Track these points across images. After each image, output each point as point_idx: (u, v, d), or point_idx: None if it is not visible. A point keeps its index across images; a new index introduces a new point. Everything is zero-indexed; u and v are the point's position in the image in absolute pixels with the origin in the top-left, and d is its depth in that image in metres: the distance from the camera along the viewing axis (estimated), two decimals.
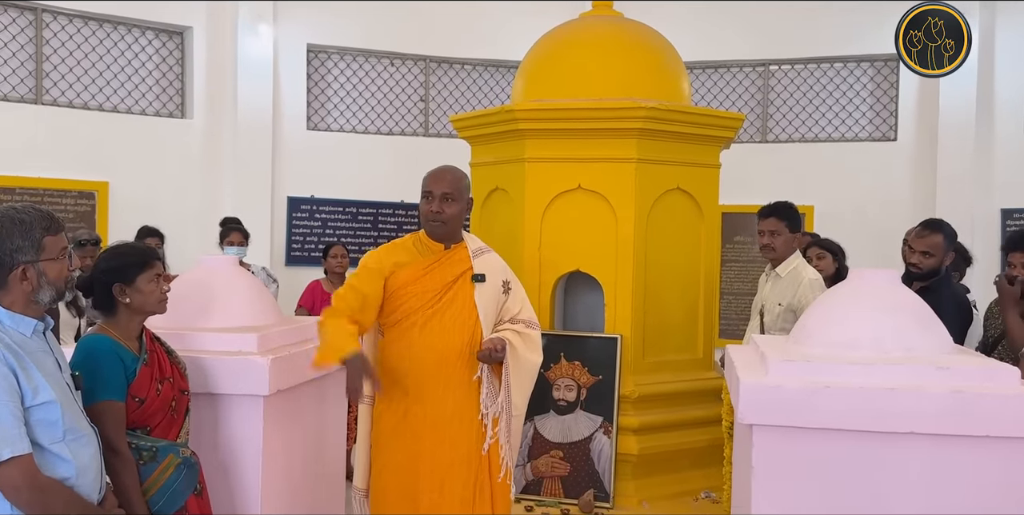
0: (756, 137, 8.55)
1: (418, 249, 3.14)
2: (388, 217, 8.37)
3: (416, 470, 3.04)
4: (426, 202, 3.09)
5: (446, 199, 3.08)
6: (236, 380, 2.84)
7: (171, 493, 2.48)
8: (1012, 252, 3.67)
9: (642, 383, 4.66)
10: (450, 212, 3.08)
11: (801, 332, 2.80)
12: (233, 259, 3.49)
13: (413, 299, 3.04)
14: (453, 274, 3.09)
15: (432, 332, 3.03)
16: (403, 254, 3.12)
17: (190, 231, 7.15)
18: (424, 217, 3.12)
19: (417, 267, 3.08)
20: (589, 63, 4.94)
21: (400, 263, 3.08)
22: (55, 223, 2.18)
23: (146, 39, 7.72)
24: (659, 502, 4.55)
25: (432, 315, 3.04)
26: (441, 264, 3.10)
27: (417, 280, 3.06)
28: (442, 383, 3.04)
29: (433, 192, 3.09)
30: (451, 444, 3.04)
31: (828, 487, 2.40)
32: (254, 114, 7.78)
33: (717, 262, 5.17)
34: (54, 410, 2.07)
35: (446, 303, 3.06)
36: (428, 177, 3.15)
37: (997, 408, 2.32)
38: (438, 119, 8.76)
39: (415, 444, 3.04)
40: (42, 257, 2.14)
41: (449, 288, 3.07)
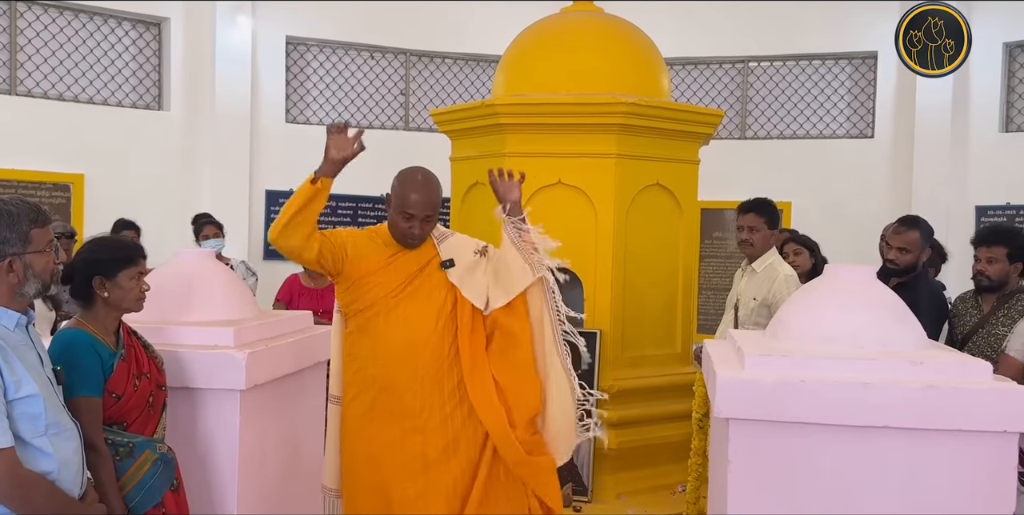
0: (735, 133, 8.59)
1: (384, 242, 3.08)
2: (368, 211, 8.34)
3: (383, 462, 2.96)
4: (404, 220, 2.99)
5: (427, 220, 3.02)
6: (212, 375, 2.82)
7: (148, 489, 2.47)
8: (979, 247, 3.72)
9: (621, 378, 4.68)
10: (428, 229, 3.04)
11: (777, 327, 2.82)
12: (210, 252, 3.47)
13: (376, 288, 2.99)
14: (418, 263, 3.04)
15: (398, 320, 2.97)
16: (369, 245, 3.06)
17: (167, 224, 7.07)
18: (399, 232, 3.02)
19: (381, 256, 3.02)
20: (570, 58, 4.95)
21: (365, 247, 3.03)
22: (42, 215, 2.16)
23: (123, 30, 7.64)
24: (637, 496, 4.57)
25: (397, 304, 2.98)
26: (406, 253, 3.04)
27: (382, 268, 3.01)
28: (408, 372, 2.96)
29: (415, 215, 2.98)
30: (421, 435, 2.95)
31: (804, 480, 2.42)
32: (232, 106, 7.71)
33: (696, 258, 5.20)
34: (36, 404, 2.05)
35: (411, 292, 3.00)
36: (411, 196, 3.00)
37: (970, 402, 2.35)
38: (418, 113, 8.72)
39: (383, 434, 2.96)
40: (29, 250, 2.12)
41: (415, 277, 3.02)
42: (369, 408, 2.99)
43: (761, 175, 7.78)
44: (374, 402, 2.98)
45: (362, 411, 3.01)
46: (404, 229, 3.00)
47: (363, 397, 3.01)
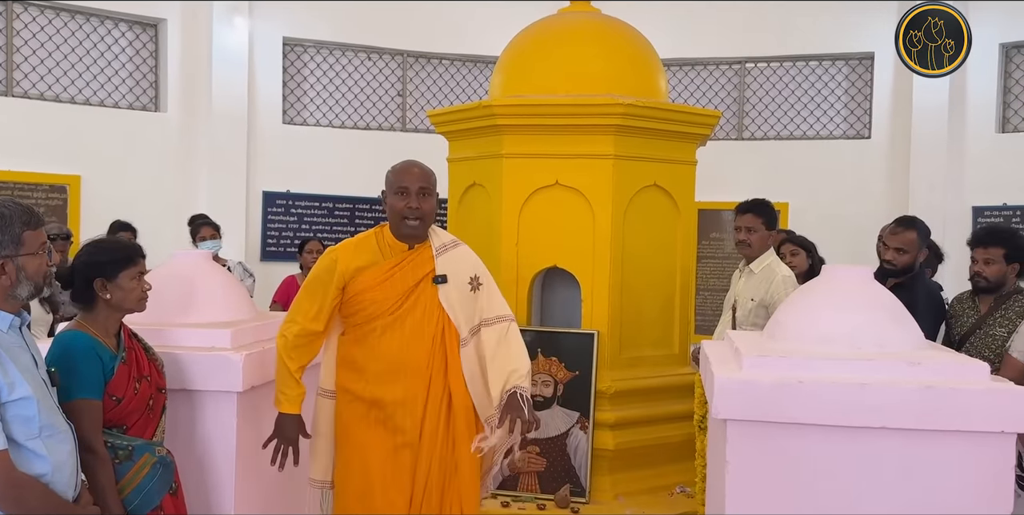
0: (732, 134, 8.60)
1: (382, 250, 2.98)
2: (365, 212, 8.34)
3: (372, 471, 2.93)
4: (400, 198, 2.90)
5: (423, 193, 2.92)
6: (209, 376, 2.82)
7: (146, 492, 2.47)
8: (976, 248, 3.73)
9: (618, 379, 4.67)
10: (427, 208, 2.93)
11: (775, 328, 2.82)
12: (206, 254, 3.47)
13: (372, 306, 2.91)
14: (416, 277, 2.94)
15: (392, 340, 2.91)
16: (366, 255, 2.96)
17: (164, 226, 7.06)
18: (398, 215, 2.91)
19: (379, 271, 2.93)
20: (567, 59, 4.94)
21: (362, 267, 2.93)
22: (35, 217, 2.16)
23: (119, 31, 7.63)
24: (635, 497, 4.57)
25: (392, 322, 2.91)
26: (403, 268, 2.94)
27: (378, 285, 2.92)
28: (401, 390, 2.92)
29: (409, 188, 2.90)
30: (411, 450, 2.92)
31: (801, 481, 2.42)
32: (229, 108, 7.71)
33: (693, 258, 5.20)
34: (30, 406, 2.05)
35: (407, 310, 2.92)
36: (398, 173, 2.96)
37: (968, 403, 2.35)
38: (415, 114, 8.72)
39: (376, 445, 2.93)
40: (22, 252, 2.11)
41: (411, 293, 2.93)
42: (364, 416, 2.97)
43: (758, 176, 7.79)
44: (368, 412, 2.96)
45: (357, 417, 2.98)
46: (402, 209, 2.90)
47: (358, 405, 2.98)
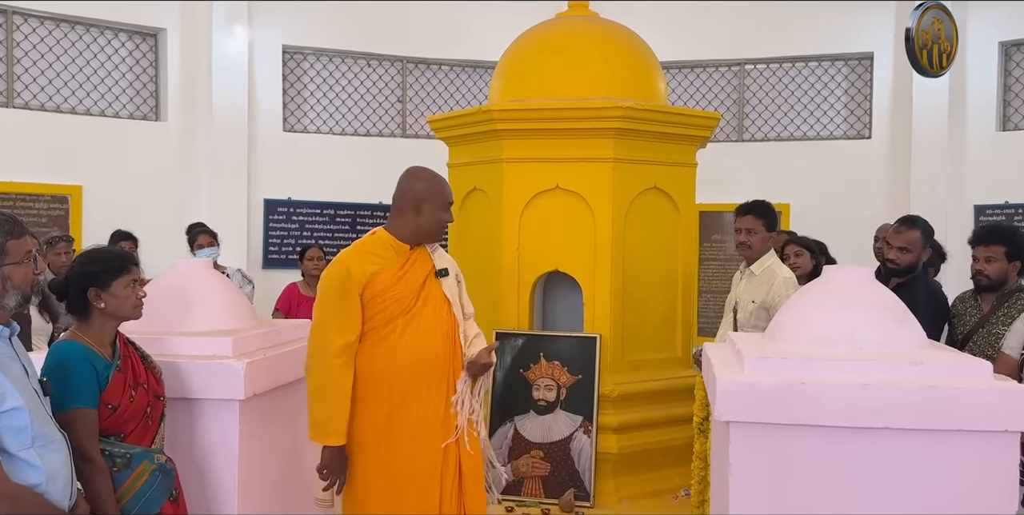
0: (732, 136, 8.60)
1: (387, 252, 3.06)
2: (366, 219, 8.34)
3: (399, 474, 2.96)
4: (445, 212, 3.09)
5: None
6: (211, 384, 2.81)
7: (146, 500, 2.46)
8: (977, 246, 3.72)
9: (621, 382, 4.67)
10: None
11: (776, 329, 2.81)
12: (207, 262, 3.47)
13: (393, 305, 2.98)
14: (423, 273, 3.07)
15: (414, 335, 2.99)
16: (375, 259, 3.02)
17: (165, 235, 7.07)
18: (440, 225, 3.09)
19: (392, 271, 3.02)
20: (566, 63, 4.95)
21: (375, 271, 3.00)
22: (18, 226, 2.16)
23: (119, 41, 7.65)
24: (639, 500, 4.56)
25: (411, 319, 3.00)
26: (411, 265, 3.06)
27: (395, 285, 3.00)
28: (425, 386, 2.99)
29: (451, 203, 3.13)
30: (434, 447, 2.98)
31: (805, 483, 2.41)
32: (229, 116, 7.72)
33: (695, 261, 5.19)
34: (22, 416, 2.04)
35: (420, 305, 3.02)
36: (443, 187, 3.11)
37: (970, 403, 2.34)
38: (416, 120, 8.73)
39: (400, 447, 2.97)
40: (6, 261, 2.11)
41: (422, 288, 3.04)
42: (385, 423, 2.98)
43: (759, 177, 7.79)
44: (390, 416, 2.98)
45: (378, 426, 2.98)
46: (446, 220, 3.12)
47: (377, 412, 2.98)
